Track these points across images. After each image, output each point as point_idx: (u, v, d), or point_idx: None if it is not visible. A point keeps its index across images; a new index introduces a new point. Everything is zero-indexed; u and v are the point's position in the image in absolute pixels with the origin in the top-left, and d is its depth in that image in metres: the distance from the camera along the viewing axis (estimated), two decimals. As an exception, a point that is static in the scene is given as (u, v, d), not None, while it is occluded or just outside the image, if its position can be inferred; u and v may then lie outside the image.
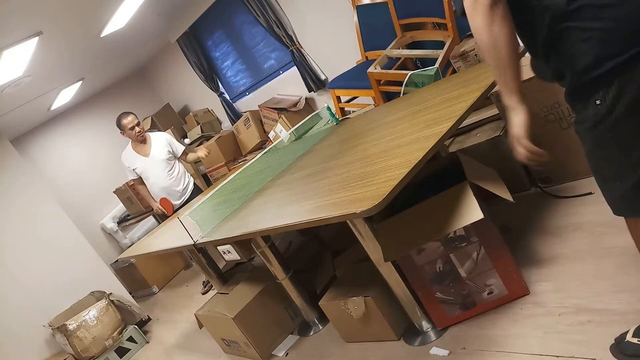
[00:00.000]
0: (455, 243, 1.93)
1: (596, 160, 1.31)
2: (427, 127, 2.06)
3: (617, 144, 1.22)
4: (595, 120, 1.21)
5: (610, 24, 1.12)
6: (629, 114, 1.16)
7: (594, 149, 1.28)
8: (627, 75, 1.13)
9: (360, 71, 3.85)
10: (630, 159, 1.22)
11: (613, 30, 1.12)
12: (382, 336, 2.23)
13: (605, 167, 1.29)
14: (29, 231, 4.42)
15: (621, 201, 1.31)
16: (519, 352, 1.75)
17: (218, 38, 6.04)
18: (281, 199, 2.36)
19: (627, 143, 1.20)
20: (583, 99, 1.22)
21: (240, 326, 2.69)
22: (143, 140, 3.99)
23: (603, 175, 1.32)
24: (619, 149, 1.22)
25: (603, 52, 1.13)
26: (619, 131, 1.19)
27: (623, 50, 1.12)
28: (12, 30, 3.05)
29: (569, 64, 1.20)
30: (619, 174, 1.26)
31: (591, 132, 1.24)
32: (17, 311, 4.16)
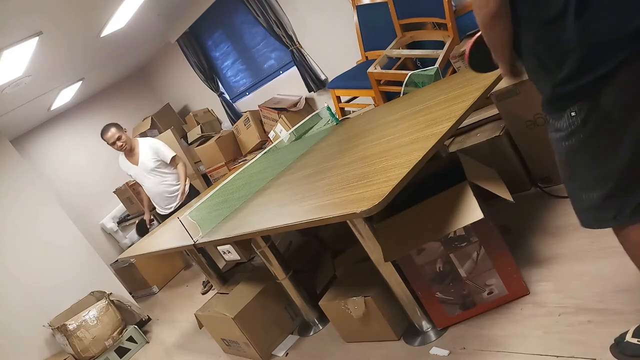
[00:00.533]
0: (455, 243, 1.93)
1: (566, 171, 1.34)
2: (427, 127, 2.06)
3: (588, 156, 1.25)
4: (569, 131, 1.24)
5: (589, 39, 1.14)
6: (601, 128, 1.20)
7: (565, 160, 1.32)
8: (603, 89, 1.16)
9: (360, 71, 3.85)
10: (600, 171, 1.25)
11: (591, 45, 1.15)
12: (382, 336, 2.23)
13: (575, 178, 1.32)
14: (29, 231, 4.42)
15: (587, 213, 1.34)
16: (519, 352, 1.75)
17: (218, 38, 6.04)
18: (281, 199, 2.36)
19: (598, 156, 1.23)
20: (559, 109, 1.25)
21: (240, 326, 2.69)
22: (128, 150, 3.96)
23: (573, 186, 1.35)
24: (590, 161, 1.25)
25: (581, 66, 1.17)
26: (591, 144, 1.23)
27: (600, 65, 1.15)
28: (12, 30, 3.05)
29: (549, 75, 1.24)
30: (587, 186, 1.29)
31: (564, 143, 1.28)
32: (17, 311, 4.16)
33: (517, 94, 2.48)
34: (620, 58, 1.13)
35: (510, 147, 2.67)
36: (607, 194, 1.26)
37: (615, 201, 1.26)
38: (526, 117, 2.54)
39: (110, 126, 3.89)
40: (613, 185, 1.24)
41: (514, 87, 2.47)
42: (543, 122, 2.50)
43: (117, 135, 3.85)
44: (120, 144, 3.88)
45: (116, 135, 3.85)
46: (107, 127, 3.89)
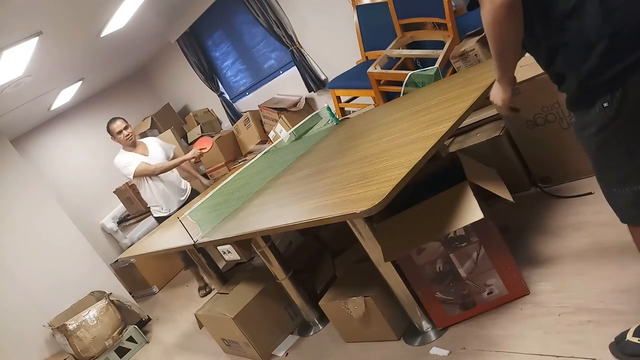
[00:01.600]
0: (455, 243, 1.93)
1: (601, 167, 1.30)
2: (427, 127, 2.06)
3: (623, 148, 1.21)
4: (601, 124, 1.20)
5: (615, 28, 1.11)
6: (636, 117, 1.16)
7: (598, 155, 1.27)
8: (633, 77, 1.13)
9: (360, 71, 3.85)
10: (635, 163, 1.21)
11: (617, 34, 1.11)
12: (382, 336, 2.23)
13: (612, 173, 1.28)
14: (29, 231, 4.42)
15: (630, 207, 1.29)
16: (519, 352, 1.75)
17: (218, 38, 6.04)
18: (281, 199, 2.36)
19: (633, 147, 1.20)
20: (588, 103, 1.20)
21: (240, 326, 2.69)
22: (133, 144, 3.95)
23: (609, 181, 1.31)
24: (624, 153, 1.21)
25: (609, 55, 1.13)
26: (625, 134, 1.19)
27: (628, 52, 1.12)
28: (12, 30, 3.05)
29: (573, 69, 1.20)
30: (625, 180, 1.24)
31: (596, 137, 1.23)
32: (17, 311, 4.16)
33: (517, 94, 2.48)
34: None
35: (510, 147, 2.67)
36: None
37: None
38: (526, 117, 2.54)
39: (117, 118, 3.93)
40: None
41: (514, 87, 2.47)
42: (543, 121, 2.50)
43: (124, 124, 3.90)
44: (127, 133, 3.89)
45: (124, 124, 3.90)
46: (113, 119, 3.92)
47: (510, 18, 1.19)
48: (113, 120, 3.92)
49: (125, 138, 3.90)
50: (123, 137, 3.89)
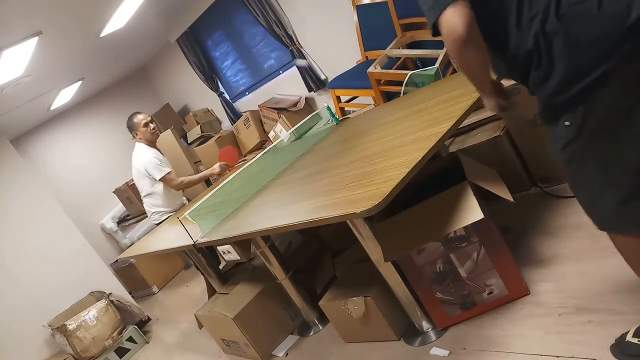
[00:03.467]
0: (455, 243, 1.93)
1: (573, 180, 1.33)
2: (427, 127, 2.06)
3: (592, 162, 1.24)
4: (565, 141, 1.24)
5: (572, 51, 1.16)
6: (598, 135, 1.19)
7: (568, 169, 1.30)
8: (592, 98, 1.17)
9: (360, 71, 3.85)
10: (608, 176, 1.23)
11: (576, 56, 1.16)
12: (382, 336, 2.23)
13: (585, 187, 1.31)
14: (29, 231, 4.42)
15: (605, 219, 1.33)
16: (519, 352, 1.75)
17: (218, 38, 6.04)
18: (281, 199, 2.36)
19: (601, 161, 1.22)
20: (553, 119, 1.26)
21: (240, 326, 2.68)
22: (155, 140, 3.73)
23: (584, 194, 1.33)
24: (594, 167, 1.24)
25: (568, 76, 1.18)
26: (591, 151, 1.22)
27: (587, 74, 1.15)
28: (12, 30, 3.05)
29: (539, 87, 1.25)
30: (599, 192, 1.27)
31: (563, 152, 1.27)
32: (17, 311, 4.16)
33: (517, 94, 2.48)
34: (607, 65, 1.13)
35: (510, 147, 2.67)
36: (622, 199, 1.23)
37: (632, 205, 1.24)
38: (526, 117, 2.54)
39: (139, 112, 3.73)
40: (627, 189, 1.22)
41: (515, 87, 2.47)
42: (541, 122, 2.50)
43: (149, 117, 3.72)
44: (153, 127, 3.70)
45: (149, 117, 3.72)
46: (135, 113, 3.71)
47: (469, 49, 1.24)
48: (135, 114, 3.68)
49: (152, 131, 3.67)
50: (149, 130, 3.65)
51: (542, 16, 1.17)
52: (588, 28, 1.14)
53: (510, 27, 1.24)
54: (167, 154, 5.87)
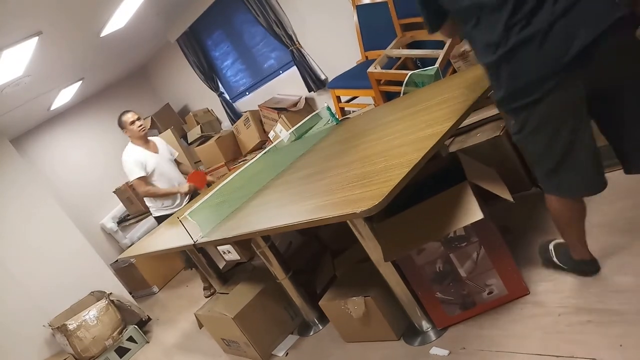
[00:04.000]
0: (455, 243, 1.93)
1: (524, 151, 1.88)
2: (427, 127, 2.06)
3: (529, 145, 1.68)
4: (514, 131, 1.68)
5: (515, 78, 1.53)
6: (534, 132, 1.61)
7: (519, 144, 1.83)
8: (529, 111, 1.56)
9: (360, 71, 3.85)
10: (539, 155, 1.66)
11: (517, 82, 1.53)
12: (382, 336, 2.23)
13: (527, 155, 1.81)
14: (29, 231, 4.42)
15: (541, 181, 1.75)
16: (519, 352, 1.75)
17: (218, 38, 6.04)
18: (281, 199, 2.36)
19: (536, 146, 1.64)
20: (505, 115, 1.71)
21: (240, 326, 2.69)
22: (145, 136, 3.89)
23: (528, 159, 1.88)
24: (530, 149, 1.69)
25: (511, 96, 1.57)
26: (529, 140, 1.65)
27: (524, 97, 1.53)
28: (12, 30, 3.05)
29: (494, 91, 1.66)
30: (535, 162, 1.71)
31: (514, 136, 1.71)
32: (17, 311, 4.16)
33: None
34: (540, 93, 1.50)
35: (510, 147, 2.67)
36: (548, 170, 1.67)
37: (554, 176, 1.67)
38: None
39: (129, 110, 3.89)
40: (552, 165, 1.64)
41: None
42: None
43: (137, 116, 3.86)
44: (140, 124, 3.83)
45: (136, 115, 3.85)
46: (125, 111, 3.87)
47: None
48: (125, 112, 3.86)
49: (138, 128, 3.82)
50: (136, 128, 3.81)
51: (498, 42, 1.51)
52: (528, 63, 1.47)
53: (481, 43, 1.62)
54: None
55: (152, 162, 3.85)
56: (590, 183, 1.65)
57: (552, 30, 1.41)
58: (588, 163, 1.60)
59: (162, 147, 4.03)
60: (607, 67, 1.44)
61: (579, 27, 1.39)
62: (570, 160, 1.59)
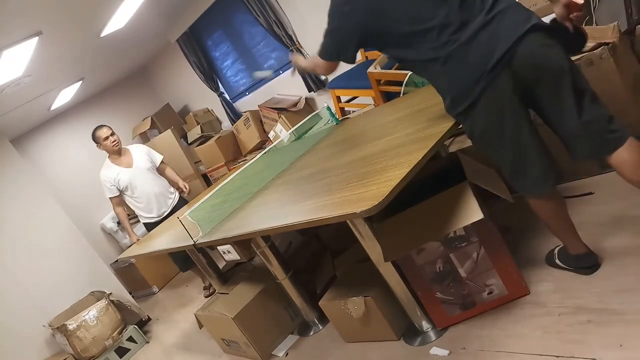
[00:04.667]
0: (455, 243, 1.93)
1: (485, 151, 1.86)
2: (427, 127, 2.06)
3: (487, 148, 1.81)
4: (468, 135, 1.84)
5: (454, 85, 1.72)
6: (483, 135, 1.77)
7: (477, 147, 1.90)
8: (471, 115, 1.73)
9: (360, 71, 3.85)
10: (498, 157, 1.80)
11: (454, 90, 1.72)
12: (382, 336, 2.24)
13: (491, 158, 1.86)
14: (29, 231, 4.42)
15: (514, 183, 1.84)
16: (519, 352, 1.75)
17: (218, 38, 6.04)
18: (281, 199, 2.36)
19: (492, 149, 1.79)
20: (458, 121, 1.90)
21: (240, 326, 2.69)
22: (119, 151, 3.93)
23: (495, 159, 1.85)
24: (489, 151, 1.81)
25: (452, 102, 1.76)
26: (482, 142, 1.80)
27: (462, 102, 1.71)
28: (12, 30, 3.05)
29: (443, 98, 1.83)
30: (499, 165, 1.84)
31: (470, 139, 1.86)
32: (17, 311, 4.16)
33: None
34: (472, 97, 1.67)
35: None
36: (510, 172, 1.80)
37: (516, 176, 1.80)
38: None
39: (102, 126, 3.92)
40: (511, 166, 1.77)
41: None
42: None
43: (110, 131, 3.90)
44: (114, 140, 3.88)
45: (109, 131, 3.89)
46: (99, 126, 3.92)
47: None
48: (98, 128, 3.91)
49: (111, 144, 3.87)
50: (109, 144, 3.87)
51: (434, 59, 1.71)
52: (459, 73, 1.68)
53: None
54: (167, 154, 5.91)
55: (125, 178, 3.89)
56: (548, 174, 1.76)
57: (475, 42, 1.63)
58: (540, 155, 1.72)
59: (138, 157, 3.99)
60: (525, 67, 1.61)
61: (497, 39, 1.61)
62: (524, 157, 1.73)
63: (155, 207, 4.01)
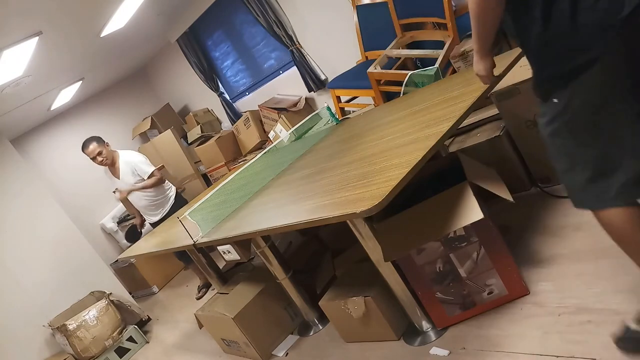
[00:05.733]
0: (455, 243, 1.93)
1: (552, 154, 1.42)
2: (427, 127, 2.06)
3: (569, 140, 1.35)
4: (552, 115, 1.35)
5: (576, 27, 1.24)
6: (580, 115, 1.30)
7: (550, 142, 1.40)
8: (581, 78, 1.26)
9: (360, 71, 3.85)
10: (581, 155, 1.35)
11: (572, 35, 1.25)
12: (382, 336, 2.24)
13: (560, 161, 1.41)
14: (29, 231, 4.42)
15: (575, 194, 1.43)
16: (519, 352, 1.75)
17: (218, 38, 6.04)
18: (281, 199, 2.36)
19: (577, 140, 1.33)
20: (544, 95, 1.36)
21: (240, 326, 2.69)
22: (110, 164, 3.98)
23: (559, 168, 1.42)
24: (571, 144, 1.35)
25: (561, 54, 1.28)
26: (571, 128, 1.33)
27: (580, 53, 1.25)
28: (12, 30, 3.05)
29: (534, 63, 1.37)
30: (571, 168, 1.38)
31: (549, 125, 1.38)
32: (17, 311, 4.16)
33: (517, 94, 2.48)
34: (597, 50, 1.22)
35: (510, 147, 2.67)
36: (589, 177, 1.35)
37: (597, 184, 1.35)
38: (526, 117, 2.54)
39: (91, 140, 3.88)
40: (593, 169, 1.34)
41: (515, 87, 2.47)
42: None
43: (97, 150, 3.85)
44: (101, 159, 3.88)
45: (96, 150, 3.84)
46: (87, 142, 3.88)
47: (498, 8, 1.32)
48: (87, 143, 3.87)
49: (99, 164, 3.92)
50: (97, 163, 3.91)
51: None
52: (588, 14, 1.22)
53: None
54: (167, 154, 5.91)
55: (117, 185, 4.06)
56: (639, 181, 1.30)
57: None
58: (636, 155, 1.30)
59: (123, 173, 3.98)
60: None
61: None
62: (618, 154, 1.30)
63: (149, 213, 4.18)
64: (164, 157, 5.99)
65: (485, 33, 1.45)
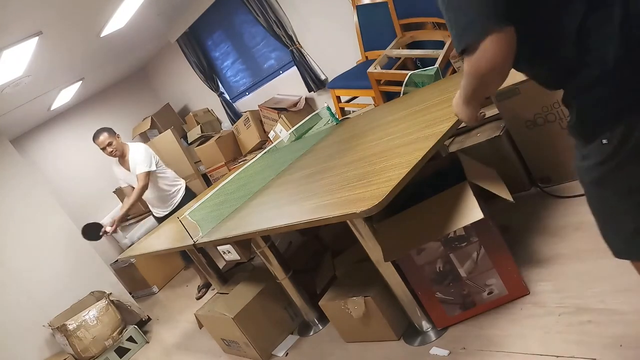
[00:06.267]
0: (455, 243, 1.93)
1: (594, 202, 1.23)
2: (427, 127, 2.06)
3: (619, 185, 1.11)
4: (599, 159, 1.09)
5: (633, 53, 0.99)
6: (632, 159, 1.05)
7: (592, 189, 1.19)
8: (635, 117, 1.01)
9: (360, 71, 3.85)
10: (627, 204, 1.12)
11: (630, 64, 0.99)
12: (382, 336, 2.23)
13: (605, 210, 1.21)
14: (29, 231, 4.42)
15: (619, 244, 1.24)
16: (519, 352, 1.75)
17: (218, 38, 6.04)
18: (281, 199, 2.36)
19: (626, 187, 1.10)
20: (589, 135, 1.09)
21: (240, 326, 2.69)
22: (120, 156, 3.97)
23: (602, 217, 1.25)
24: (616, 192, 1.12)
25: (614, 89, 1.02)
26: (620, 174, 1.08)
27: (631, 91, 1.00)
28: (12, 30, 3.05)
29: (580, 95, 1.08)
30: (613, 218, 1.18)
31: (592, 171, 1.13)
32: (17, 311, 4.16)
33: (517, 94, 2.48)
34: None
35: (510, 147, 2.67)
36: (637, 228, 1.13)
37: None
38: (526, 117, 2.54)
39: (103, 131, 3.88)
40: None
41: (515, 87, 2.47)
42: (543, 121, 2.50)
43: (107, 141, 3.85)
44: (111, 150, 3.88)
45: (107, 141, 3.85)
46: (99, 132, 3.89)
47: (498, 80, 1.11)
48: (98, 134, 3.88)
49: (109, 154, 3.91)
50: (107, 154, 3.90)
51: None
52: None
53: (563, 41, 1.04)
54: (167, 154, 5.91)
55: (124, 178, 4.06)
56: None
57: None
58: None
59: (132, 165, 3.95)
60: None
61: None
62: None
63: (157, 205, 4.13)
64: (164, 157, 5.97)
65: (477, 98, 1.30)
